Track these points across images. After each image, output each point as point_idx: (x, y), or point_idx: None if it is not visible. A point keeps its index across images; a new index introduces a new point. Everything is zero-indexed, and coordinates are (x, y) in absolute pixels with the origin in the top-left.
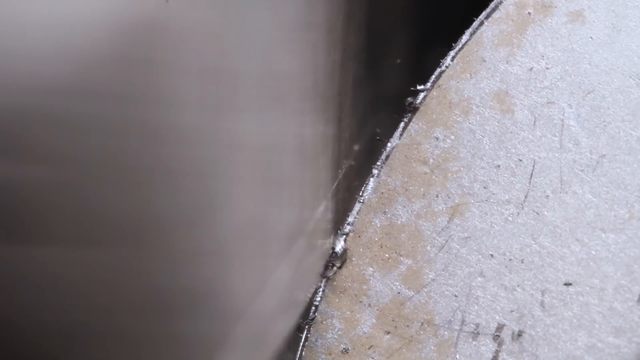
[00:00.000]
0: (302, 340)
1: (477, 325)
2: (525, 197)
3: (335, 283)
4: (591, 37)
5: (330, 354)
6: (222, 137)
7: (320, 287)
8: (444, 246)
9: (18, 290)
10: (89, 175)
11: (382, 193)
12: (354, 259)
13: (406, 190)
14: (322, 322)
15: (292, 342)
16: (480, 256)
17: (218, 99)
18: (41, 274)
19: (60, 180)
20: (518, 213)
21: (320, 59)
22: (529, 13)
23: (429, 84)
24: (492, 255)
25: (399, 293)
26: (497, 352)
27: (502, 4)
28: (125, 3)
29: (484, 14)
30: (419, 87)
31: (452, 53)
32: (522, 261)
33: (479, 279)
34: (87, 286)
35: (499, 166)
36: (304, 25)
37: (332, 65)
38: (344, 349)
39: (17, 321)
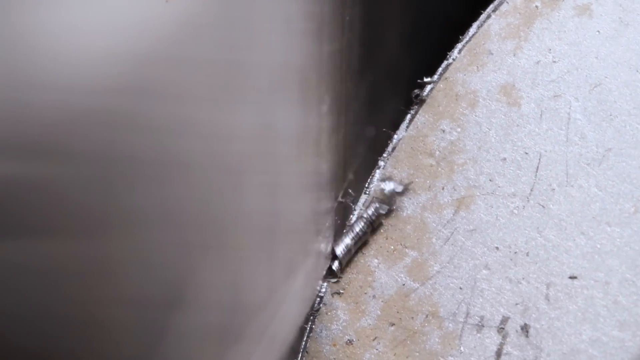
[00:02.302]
0: (307, 331)
1: (482, 317)
2: (531, 190)
3: (341, 275)
4: (598, 31)
5: (334, 345)
6: (223, 129)
7: (325, 279)
8: (449, 238)
9: (29, 284)
10: (96, 170)
11: None
12: (359, 251)
13: (412, 182)
14: (327, 314)
15: (298, 333)
16: (485, 249)
17: (220, 92)
18: (50, 266)
19: (66, 175)
20: (524, 206)
21: (320, 49)
22: (537, 6)
23: (435, 77)
24: (497, 248)
25: (404, 285)
26: (501, 344)
27: None
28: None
29: (491, 6)
30: (425, 80)
31: (459, 45)
32: (527, 254)
33: (484, 271)
34: (94, 279)
35: (505, 159)
36: (302, 15)
37: (332, 56)
38: (348, 340)
39: (28, 315)
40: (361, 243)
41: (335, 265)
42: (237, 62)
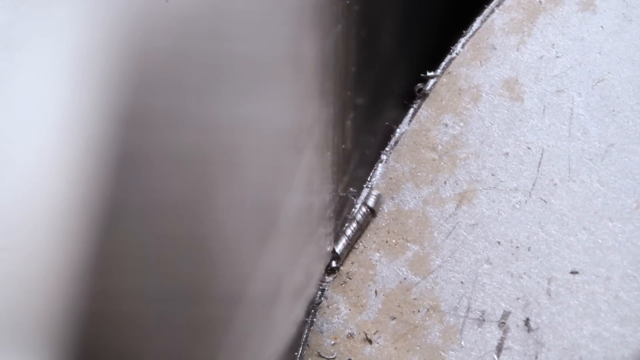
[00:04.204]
0: (308, 324)
1: (483, 312)
2: (533, 185)
3: (341, 269)
4: (602, 27)
5: (335, 339)
6: (223, 122)
7: (326, 273)
8: (451, 233)
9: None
10: (95, 164)
11: (390, 179)
12: (361, 244)
13: (414, 176)
14: (328, 307)
15: (299, 327)
16: (487, 243)
17: (218, 84)
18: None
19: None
20: (526, 201)
21: (320, 41)
22: (540, 1)
23: (439, 71)
24: (499, 243)
25: (405, 279)
26: (502, 339)
27: None
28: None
29: (495, 1)
30: (428, 74)
31: (462, 40)
32: (528, 249)
33: (485, 266)
34: (90, 272)
35: (507, 154)
36: (301, 7)
37: (333, 48)
38: (349, 333)
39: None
40: (361, 232)
41: (336, 260)
42: (237, 56)
